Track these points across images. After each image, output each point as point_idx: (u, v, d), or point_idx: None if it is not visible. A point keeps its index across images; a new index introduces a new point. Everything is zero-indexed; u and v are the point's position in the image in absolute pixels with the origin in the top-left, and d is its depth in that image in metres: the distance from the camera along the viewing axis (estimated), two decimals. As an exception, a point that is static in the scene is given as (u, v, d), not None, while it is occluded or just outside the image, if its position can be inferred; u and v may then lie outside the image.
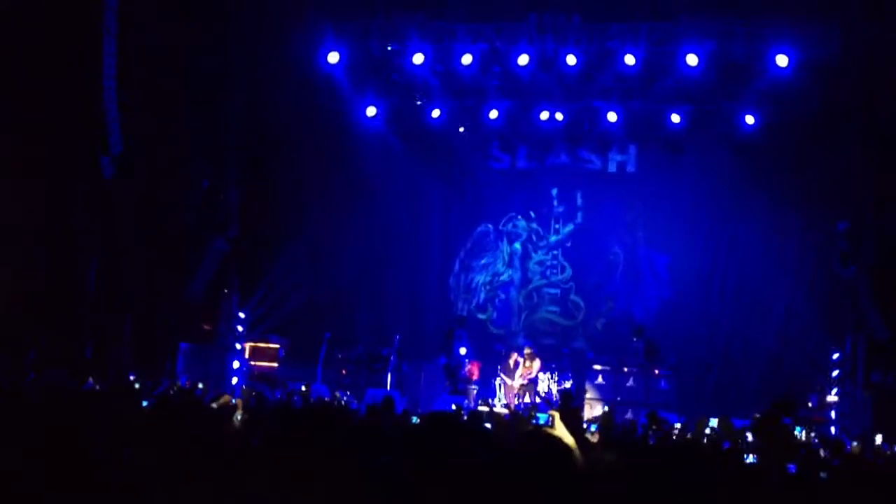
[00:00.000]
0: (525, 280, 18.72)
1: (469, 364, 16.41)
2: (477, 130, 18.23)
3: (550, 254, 18.67)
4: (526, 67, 16.26)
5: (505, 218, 18.90)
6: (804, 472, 6.65)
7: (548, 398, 15.13)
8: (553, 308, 18.53)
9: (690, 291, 17.65)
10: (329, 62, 16.67)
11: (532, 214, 18.80)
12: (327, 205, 17.94)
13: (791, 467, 6.89)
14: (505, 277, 18.80)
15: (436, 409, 12.52)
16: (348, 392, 15.42)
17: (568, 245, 18.62)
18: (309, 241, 17.83)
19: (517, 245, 18.80)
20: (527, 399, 15.55)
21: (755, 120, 16.48)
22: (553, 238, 18.68)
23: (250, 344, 16.70)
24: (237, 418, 6.86)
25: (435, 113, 17.87)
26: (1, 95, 12.51)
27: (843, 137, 15.38)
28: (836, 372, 15.34)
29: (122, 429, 4.74)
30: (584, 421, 12.49)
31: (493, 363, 16.66)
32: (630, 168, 18.44)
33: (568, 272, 18.55)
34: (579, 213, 18.64)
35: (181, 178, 15.82)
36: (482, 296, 18.83)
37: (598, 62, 16.27)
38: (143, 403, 7.70)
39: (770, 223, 16.94)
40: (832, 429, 14.51)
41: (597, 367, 16.47)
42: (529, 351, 16.14)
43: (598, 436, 6.98)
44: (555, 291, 18.55)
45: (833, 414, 14.97)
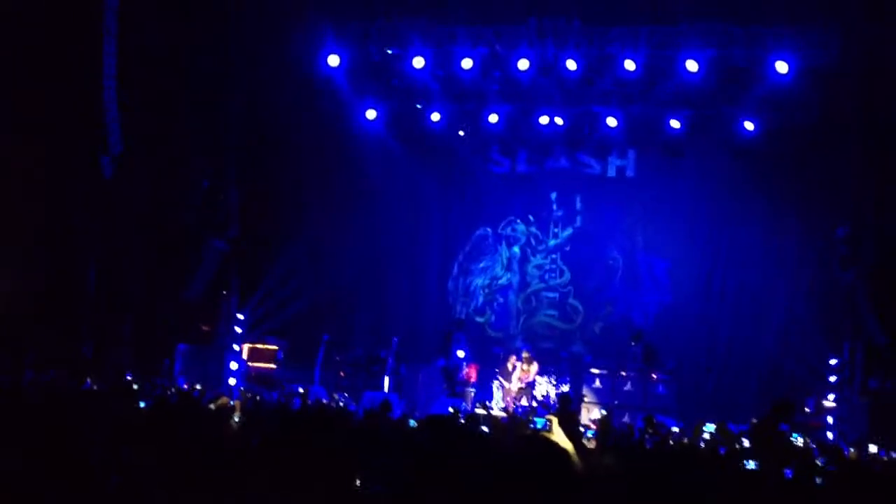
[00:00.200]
0: (524, 284, 18.73)
1: (467, 367, 16.42)
2: (477, 134, 18.24)
3: (549, 258, 18.68)
4: (526, 72, 16.28)
5: (504, 221, 18.91)
6: (801, 478, 6.66)
7: (545, 402, 15.14)
8: (551, 312, 18.54)
9: (689, 296, 17.66)
10: (329, 65, 16.69)
11: (531, 218, 18.81)
12: (327, 207, 17.96)
13: (787, 472, 6.90)
14: (503, 281, 18.80)
15: (433, 412, 12.52)
16: (346, 394, 15.42)
17: (567, 249, 18.63)
18: (308, 244, 17.84)
19: (516, 249, 18.81)
20: (524, 402, 15.56)
21: (755, 125, 16.50)
22: (552, 242, 18.69)
23: (248, 345, 16.70)
24: (235, 420, 6.87)
25: (435, 116, 17.89)
26: (1, 95, 12.53)
27: (843, 143, 15.39)
28: (834, 377, 15.35)
29: (121, 429, 4.75)
30: (582, 425, 12.49)
31: (491, 366, 16.67)
32: (629, 173, 18.44)
33: (567, 276, 18.56)
34: (578, 218, 18.65)
35: (181, 179, 15.84)
36: (480, 299, 18.84)
37: (598, 67, 16.29)
38: (141, 404, 7.72)
39: (769, 228, 16.97)
40: (829, 434, 14.52)
41: (594, 371, 16.46)
42: (527, 354, 16.15)
43: (596, 441, 6.99)
44: (553, 295, 18.56)
45: (830, 419, 14.98)
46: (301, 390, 13.73)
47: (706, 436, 11.32)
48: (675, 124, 17.02)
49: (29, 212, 12.85)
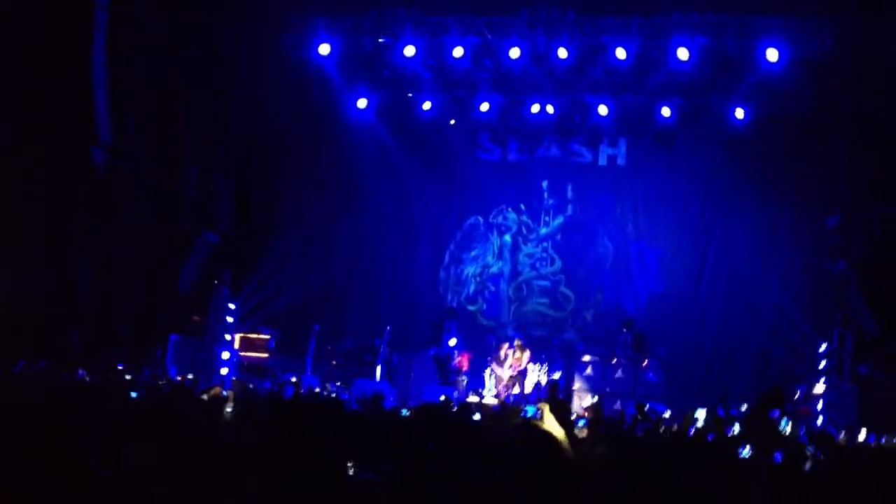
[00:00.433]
0: (515, 272, 18.76)
1: (459, 355, 16.47)
2: (468, 123, 18.24)
3: (540, 246, 18.71)
4: (517, 61, 16.29)
5: (495, 210, 18.92)
6: (790, 463, 6.71)
7: (536, 393, 15.19)
8: (543, 300, 18.59)
9: (680, 284, 17.73)
10: (321, 54, 16.66)
11: (522, 207, 18.84)
12: (318, 196, 17.96)
13: (777, 456, 6.95)
14: (495, 269, 18.83)
15: (425, 401, 12.56)
16: (338, 383, 15.45)
17: (558, 237, 18.66)
18: (300, 233, 17.85)
19: (507, 237, 18.84)
20: (516, 390, 15.62)
21: (746, 114, 16.54)
22: (543, 230, 18.72)
23: (240, 335, 16.71)
24: (227, 410, 6.89)
25: (426, 106, 17.88)
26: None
27: (834, 132, 15.47)
28: (824, 364, 15.45)
29: (115, 422, 4.77)
30: (573, 412, 12.55)
31: (483, 354, 16.72)
32: (620, 161, 18.46)
33: (558, 264, 18.61)
34: (569, 206, 18.68)
35: (172, 171, 15.80)
36: (472, 288, 18.87)
37: (590, 56, 16.30)
38: (133, 395, 7.73)
39: (760, 217, 17.03)
40: (819, 420, 14.62)
41: (586, 359, 16.55)
42: (519, 342, 16.20)
43: (587, 430, 7.04)
44: (545, 283, 18.60)
45: (820, 406, 15.08)
46: (294, 379, 13.76)
47: (700, 423, 11.39)
48: (667, 113, 17.05)
49: (21, 206, 12.81)
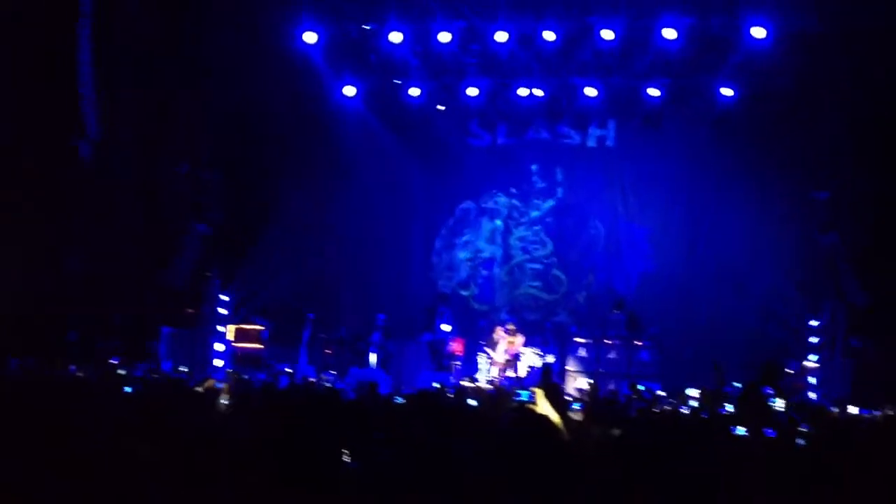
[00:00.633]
0: (507, 256, 18.79)
1: (452, 341, 16.51)
2: (456, 108, 18.21)
3: (532, 229, 18.73)
4: (504, 44, 16.24)
5: (486, 195, 18.92)
6: (782, 439, 6.75)
7: (531, 377, 15.24)
8: (535, 283, 18.62)
9: (671, 263, 17.78)
10: (306, 42, 16.57)
11: (513, 191, 18.85)
12: (308, 185, 17.91)
13: (769, 433, 6.98)
14: (487, 254, 18.86)
15: (419, 387, 12.59)
16: (333, 372, 15.47)
17: (549, 220, 18.68)
18: (291, 223, 17.80)
19: (498, 221, 18.85)
20: (510, 374, 15.68)
21: (733, 92, 16.53)
22: (534, 214, 18.73)
23: (234, 326, 16.70)
24: (222, 402, 6.89)
25: (414, 91, 17.83)
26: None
27: (822, 108, 15.48)
28: (816, 339, 15.55)
29: (109, 415, 4.77)
30: (567, 394, 12.60)
31: (477, 339, 16.78)
32: (609, 143, 18.47)
33: (549, 247, 18.63)
34: (560, 189, 18.69)
35: (161, 164, 15.73)
36: (465, 273, 18.89)
37: (577, 38, 16.25)
38: (127, 390, 7.73)
39: (750, 194, 17.03)
40: (812, 395, 14.72)
41: (579, 340, 16.63)
42: (513, 326, 16.25)
43: (583, 413, 7.07)
44: (537, 266, 18.63)
45: (812, 380, 15.18)
46: (289, 370, 13.77)
47: (693, 402, 11.46)
48: (654, 93, 17.04)
49: (10, 202, 12.75)
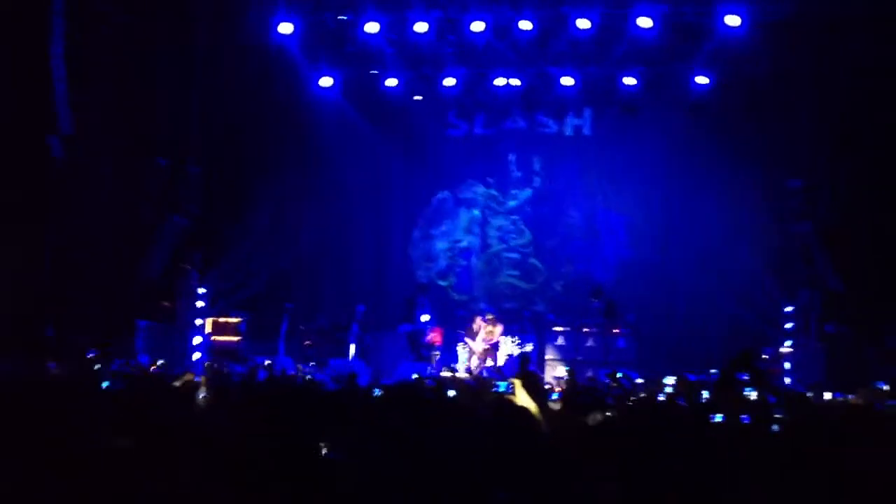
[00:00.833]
0: (485, 245, 18.84)
1: (431, 331, 16.54)
2: (433, 98, 18.19)
3: (509, 219, 18.79)
4: (481, 34, 16.23)
5: (463, 185, 18.95)
6: (758, 424, 6.81)
7: (510, 366, 15.30)
8: (513, 272, 18.69)
9: (649, 251, 17.90)
10: (282, 33, 16.47)
11: (490, 180, 18.88)
12: (286, 177, 17.86)
13: (745, 419, 7.04)
14: (465, 244, 18.89)
15: (399, 378, 12.62)
16: (312, 363, 15.46)
17: (527, 209, 18.74)
18: (269, 215, 17.75)
19: (476, 211, 18.89)
20: (489, 363, 15.75)
21: (709, 80, 16.63)
22: (512, 203, 18.78)
23: (211, 319, 16.63)
24: (201, 396, 6.87)
25: (391, 82, 17.79)
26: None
27: (796, 96, 15.61)
28: (790, 324, 15.72)
29: (87, 411, 4.75)
30: (546, 383, 12.67)
31: (456, 329, 16.83)
32: (586, 131, 18.54)
33: (527, 236, 18.69)
34: (537, 178, 18.74)
35: (137, 157, 15.60)
36: (443, 263, 18.91)
37: (552, 27, 16.27)
38: (104, 385, 7.69)
39: (726, 181, 17.15)
40: (787, 380, 14.89)
41: (557, 329, 16.73)
42: (492, 316, 16.31)
43: (561, 403, 7.12)
44: (514, 256, 18.70)
45: (788, 365, 15.36)
46: (267, 362, 13.74)
47: (668, 389, 11.54)
48: (630, 82, 17.10)
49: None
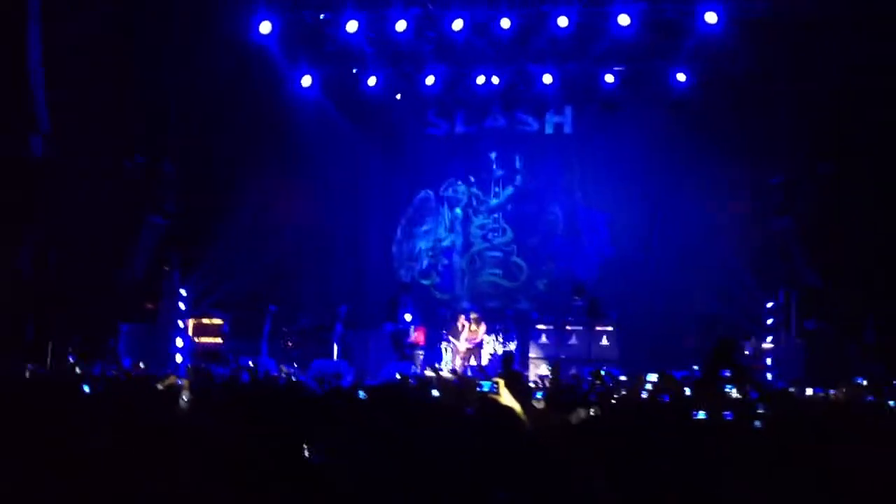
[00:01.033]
0: (467, 244, 18.85)
1: (415, 330, 16.53)
2: (414, 97, 18.18)
3: (491, 217, 18.82)
4: (460, 32, 16.24)
5: (445, 183, 18.96)
6: (740, 421, 6.84)
7: (494, 364, 15.31)
8: (496, 271, 18.71)
9: (630, 248, 17.97)
10: (261, 32, 16.41)
11: (472, 179, 18.90)
12: (266, 176, 17.80)
13: (727, 415, 7.08)
14: (447, 243, 18.90)
15: (383, 378, 12.61)
16: (295, 365, 15.41)
17: (508, 208, 18.78)
18: (249, 214, 17.66)
19: (458, 210, 18.90)
20: (473, 362, 15.76)
21: (687, 77, 16.71)
22: (493, 202, 18.82)
23: (193, 320, 16.55)
24: (184, 399, 6.83)
25: (371, 81, 17.76)
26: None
27: (775, 91, 15.71)
28: (771, 320, 15.82)
29: (69, 415, 4.71)
30: (531, 381, 12.69)
31: (439, 328, 16.83)
32: (567, 129, 18.60)
33: (509, 235, 18.73)
34: (518, 176, 18.78)
35: (115, 157, 15.49)
36: (425, 262, 18.91)
37: (532, 25, 16.30)
38: (86, 389, 7.63)
39: (706, 178, 17.23)
40: (768, 375, 15.00)
41: (541, 327, 16.75)
42: (475, 315, 16.35)
43: (545, 401, 7.14)
44: (497, 254, 18.73)
45: (769, 361, 15.47)
46: (251, 364, 13.69)
47: (648, 386, 11.56)
48: (610, 79, 17.17)
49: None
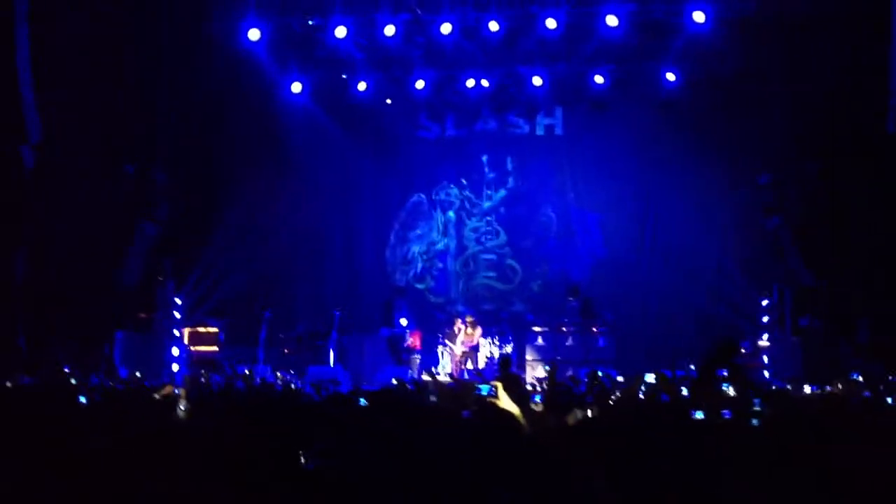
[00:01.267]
0: (461, 247, 18.86)
1: (410, 334, 16.53)
2: (404, 101, 18.18)
3: (484, 220, 18.83)
4: (449, 36, 16.25)
5: (437, 187, 18.98)
6: (738, 419, 6.85)
7: (490, 367, 15.31)
8: (490, 273, 18.72)
9: (623, 248, 18.00)
10: (251, 39, 16.38)
11: (464, 182, 18.92)
12: (258, 183, 17.78)
13: (725, 414, 7.08)
14: (441, 246, 18.90)
15: (379, 383, 12.60)
16: (291, 371, 15.38)
17: (501, 210, 18.80)
18: (242, 222, 17.65)
19: (451, 213, 18.91)
20: (469, 366, 15.76)
21: (676, 77, 16.75)
22: (486, 204, 18.84)
23: (189, 329, 16.51)
24: (181, 408, 6.82)
25: (361, 86, 17.76)
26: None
27: (763, 90, 15.75)
28: (766, 318, 15.87)
29: (65, 426, 4.70)
30: (528, 384, 12.69)
31: (435, 332, 16.82)
32: (558, 131, 18.64)
33: (502, 237, 18.74)
34: (510, 178, 18.80)
35: (106, 163, 15.45)
36: (419, 266, 18.91)
37: (521, 27, 16.32)
38: (82, 399, 7.59)
39: (697, 178, 17.28)
40: (765, 374, 15.03)
41: (536, 329, 16.74)
42: (471, 319, 16.38)
43: (543, 404, 7.14)
44: (491, 257, 18.74)
45: (766, 359, 15.50)
46: (247, 371, 13.65)
47: (644, 388, 11.57)
48: (600, 80, 17.20)
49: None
